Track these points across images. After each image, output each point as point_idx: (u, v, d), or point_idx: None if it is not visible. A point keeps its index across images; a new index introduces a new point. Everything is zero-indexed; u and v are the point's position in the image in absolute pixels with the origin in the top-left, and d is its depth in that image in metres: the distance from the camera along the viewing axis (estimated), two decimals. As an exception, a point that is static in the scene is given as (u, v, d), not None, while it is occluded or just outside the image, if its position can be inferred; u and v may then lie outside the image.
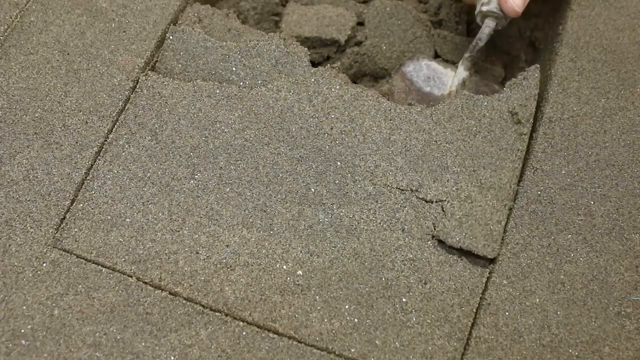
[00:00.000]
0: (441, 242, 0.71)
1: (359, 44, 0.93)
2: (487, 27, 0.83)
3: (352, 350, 0.65)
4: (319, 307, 0.67)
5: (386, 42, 0.92)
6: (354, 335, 0.66)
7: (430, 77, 0.86)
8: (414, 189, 0.73)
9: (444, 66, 0.87)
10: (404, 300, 0.67)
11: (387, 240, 0.70)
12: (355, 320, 0.66)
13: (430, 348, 0.65)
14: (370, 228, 0.71)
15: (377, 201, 0.72)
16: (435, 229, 0.71)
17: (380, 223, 0.71)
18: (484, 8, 0.81)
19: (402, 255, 0.70)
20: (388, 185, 0.73)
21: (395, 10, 0.92)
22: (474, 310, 0.67)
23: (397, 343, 0.65)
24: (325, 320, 0.66)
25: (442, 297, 0.68)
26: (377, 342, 0.65)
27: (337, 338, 0.65)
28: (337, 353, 0.65)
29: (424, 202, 0.72)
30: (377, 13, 0.92)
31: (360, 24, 0.94)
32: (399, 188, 0.73)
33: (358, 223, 0.71)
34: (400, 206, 0.72)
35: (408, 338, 0.66)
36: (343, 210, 0.71)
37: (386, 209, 0.72)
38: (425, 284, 0.68)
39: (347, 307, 0.67)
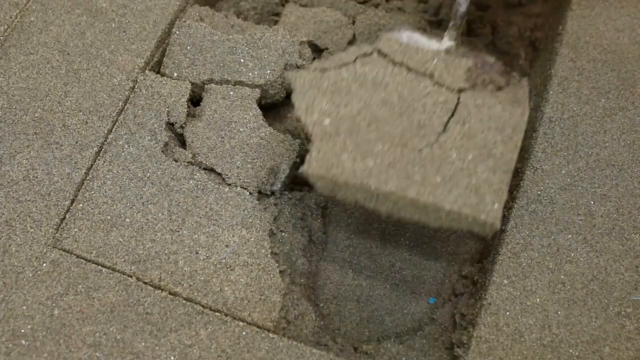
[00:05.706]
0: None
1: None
2: None
3: (389, 184, 0.64)
4: (350, 149, 0.66)
5: None
6: (389, 172, 0.65)
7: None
8: None
9: (428, 37, 0.82)
10: (441, 139, 0.66)
11: (415, 89, 0.69)
12: (390, 158, 0.66)
13: (474, 181, 0.64)
14: (396, 80, 0.70)
15: None
16: None
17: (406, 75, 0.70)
18: None
19: (433, 100, 0.68)
20: None
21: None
22: (518, 145, 0.67)
23: (437, 178, 0.65)
24: (358, 158, 0.65)
25: (483, 136, 0.67)
26: (416, 177, 0.65)
27: (372, 174, 0.65)
28: (374, 187, 0.64)
29: None
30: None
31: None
32: None
33: (383, 77, 0.70)
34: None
35: (449, 173, 0.65)
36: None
37: None
38: (464, 124, 0.67)
39: (380, 147, 0.66)
